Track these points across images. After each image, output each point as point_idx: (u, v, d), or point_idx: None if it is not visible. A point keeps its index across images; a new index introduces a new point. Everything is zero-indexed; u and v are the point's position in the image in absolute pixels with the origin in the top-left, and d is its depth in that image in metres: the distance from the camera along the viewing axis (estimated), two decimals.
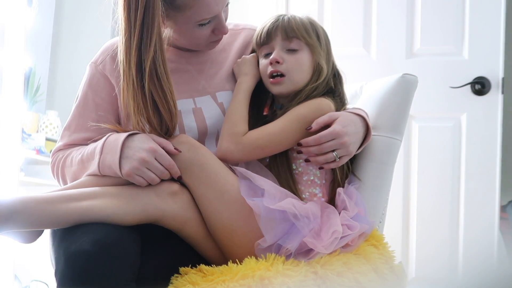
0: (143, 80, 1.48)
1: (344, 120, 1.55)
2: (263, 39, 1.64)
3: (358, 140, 1.59)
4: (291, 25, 1.61)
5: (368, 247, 1.53)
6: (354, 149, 1.58)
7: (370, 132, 1.61)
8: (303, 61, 1.62)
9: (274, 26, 1.63)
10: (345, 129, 1.54)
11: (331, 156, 1.54)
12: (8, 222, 1.39)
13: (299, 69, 1.62)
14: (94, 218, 1.42)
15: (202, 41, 1.62)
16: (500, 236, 2.98)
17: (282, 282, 1.39)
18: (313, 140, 1.53)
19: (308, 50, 1.63)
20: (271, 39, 1.63)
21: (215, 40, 1.64)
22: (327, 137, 1.53)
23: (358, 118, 1.60)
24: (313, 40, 1.63)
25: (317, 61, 1.63)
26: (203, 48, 1.68)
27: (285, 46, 1.62)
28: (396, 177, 1.94)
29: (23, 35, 2.60)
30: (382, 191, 1.67)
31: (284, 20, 1.63)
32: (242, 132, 1.57)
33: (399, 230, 2.99)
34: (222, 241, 1.51)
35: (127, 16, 1.48)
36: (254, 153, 1.56)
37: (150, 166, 1.47)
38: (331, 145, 1.53)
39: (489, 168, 2.93)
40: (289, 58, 1.62)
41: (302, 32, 1.62)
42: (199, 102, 1.67)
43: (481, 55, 2.96)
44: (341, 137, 1.53)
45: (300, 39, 1.62)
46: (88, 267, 1.34)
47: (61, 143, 1.68)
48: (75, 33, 3.52)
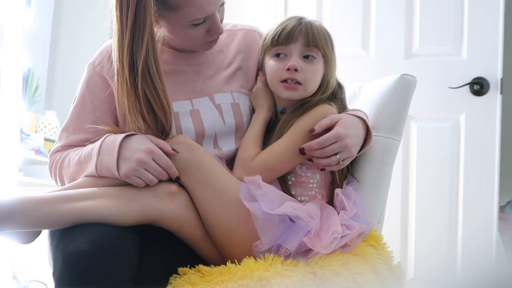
0: (136, 79, 1.48)
1: (345, 122, 1.55)
2: (282, 40, 1.58)
3: (359, 142, 1.59)
4: (314, 33, 1.57)
5: (366, 248, 1.53)
6: (356, 151, 1.58)
7: (370, 134, 1.61)
8: (318, 72, 1.60)
9: (298, 29, 1.57)
10: (347, 131, 1.54)
11: (334, 159, 1.53)
12: (7, 223, 1.39)
13: (314, 79, 1.59)
14: (93, 219, 1.42)
15: (196, 41, 1.61)
16: (498, 237, 2.98)
17: (281, 283, 1.39)
18: (316, 143, 1.52)
19: (323, 61, 1.60)
20: (291, 41, 1.58)
21: (211, 40, 1.63)
22: (330, 140, 1.52)
23: (359, 121, 1.59)
24: (330, 53, 1.61)
25: (328, 73, 1.62)
26: (199, 49, 1.67)
27: (304, 53, 1.58)
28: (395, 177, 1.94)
29: (21, 35, 2.60)
30: (380, 192, 1.67)
31: (308, 25, 1.58)
32: (252, 156, 1.56)
33: (397, 230, 2.99)
34: (220, 241, 1.50)
35: (119, 15, 1.48)
36: (264, 174, 1.54)
37: (147, 167, 1.47)
38: (334, 148, 1.53)
39: (488, 168, 2.93)
40: (307, 67, 1.58)
41: (323, 42, 1.59)
42: (196, 104, 1.66)
43: (479, 55, 2.97)
44: (343, 139, 1.53)
45: (320, 49, 1.59)
46: (85, 267, 1.34)
47: (59, 144, 1.68)
48: (74, 33, 3.52)
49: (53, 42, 3.53)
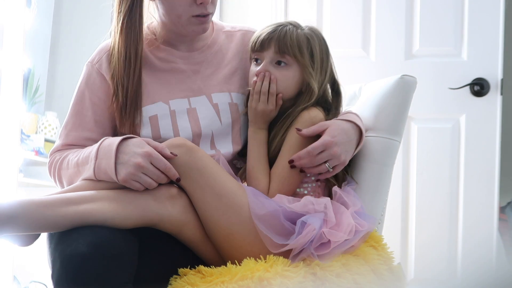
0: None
1: (334, 130, 1.56)
2: (256, 47, 1.63)
3: (350, 147, 1.59)
4: (286, 40, 1.60)
5: (367, 248, 1.53)
6: (347, 157, 1.58)
7: (362, 135, 1.61)
8: (290, 77, 1.62)
9: (269, 37, 1.61)
10: (335, 139, 1.54)
11: (324, 167, 1.55)
12: (7, 226, 1.39)
13: (286, 84, 1.62)
14: (93, 222, 1.42)
15: (182, 10, 1.59)
16: (499, 237, 2.98)
17: (281, 283, 1.39)
18: (304, 153, 1.54)
19: (298, 68, 1.62)
20: (264, 49, 1.62)
21: (197, 13, 1.60)
22: (317, 149, 1.53)
23: (350, 125, 1.59)
24: (305, 60, 1.61)
25: (306, 81, 1.62)
26: (187, 27, 1.63)
27: (276, 59, 1.62)
28: (395, 178, 1.94)
29: (22, 36, 2.60)
30: (381, 192, 1.67)
31: (281, 32, 1.61)
32: (265, 188, 1.58)
33: (398, 231, 2.99)
34: (220, 244, 1.50)
35: None
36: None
37: (146, 171, 1.46)
38: (322, 157, 1.54)
39: (488, 169, 2.93)
40: (276, 72, 1.61)
41: (295, 49, 1.60)
42: (194, 103, 1.66)
43: (480, 56, 2.97)
44: (331, 148, 1.53)
45: (291, 56, 1.61)
46: (83, 269, 1.34)
47: (59, 143, 1.68)
48: (74, 34, 3.52)
49: (53, 43, 3.53)
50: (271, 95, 1.61)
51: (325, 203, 1.51)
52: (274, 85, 1.61)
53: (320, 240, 1.46)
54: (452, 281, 1.02)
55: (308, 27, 1.65)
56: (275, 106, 1.63)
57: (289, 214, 1.49)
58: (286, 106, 1.64)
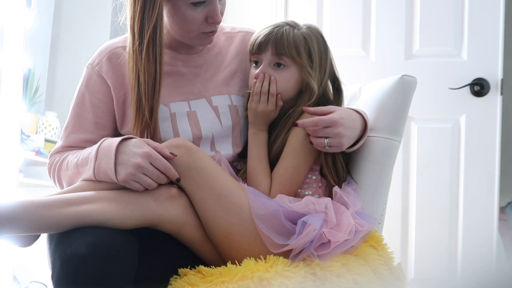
0: (142, 46, 1.54)
1: (343, 113, 1.57)
2: (254, 50, 1.64)
3: (353, 136, 1.59)
4: (282, 42, 1.60)
5: (367, 248, 1.53)
6: (346, 143, 1.57)
7: (366, 131, 1.62)
8: (289, 79, 1.62)
9: (266, 39, 1.61)
10: (342, 120, 1.55)
11: (322, 141, 1.55)
12: (8, 226, 1.39)
13: (286, 86, 1.62)
14: (93, 223, 1.42)
15: (194, 27, 1.59)
16: (499, 238, 2.98)
17: (281, 284, 1.39)
18: (310, 121, 1.55)
19: (296, 68, 1.63)
20: (261, 51, 1.63)
21: (207, 31, 1.61)
22: (323, 122, 1.54)
23: (358, 116, 1.60)
24: (303, 60, 1.61)
25: (306, 80, 1.63)
26: (195, 40, 1.64)
27: (274, 61, 1.62)
28: (395, 178, 1.94)
29: (22, 36, 2.60)
30: (381, 193, 1.67)
31: (278, 34, 1.61)
32: (267, 189, 1.58)
33: (398, 231, 2.99)
34: (220, 244, 1.50)
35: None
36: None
37: (145, 171, 1.46)
38: (325, 132, 1.54)
39: (488, 169, 2.93)
40: (275, 74, 1.62)
41: (292, 51, 1.60)
42: (194, 106, 1.66)
43: (480, 56, 2.97)
44: (336, 126, 1.54)
45: (289, 57, 1.61)
46: (83, 269, 1.34)
47: (59, 145, 1.68)
48: (74, 34, 3.52)
49: (53, 43, 3.53)
50: (271, 95, 1.61)
51: (326, 203, 1.51)
52: (274, 86, 1.61)
53: (320, 240, 1.46)
54: (452, 281, 1.02)
55: (305, 26, 1.65)
56: (275, 107, 1.63)
57: (290, 214, 1.49)
58: (287, 107, 1.64)
